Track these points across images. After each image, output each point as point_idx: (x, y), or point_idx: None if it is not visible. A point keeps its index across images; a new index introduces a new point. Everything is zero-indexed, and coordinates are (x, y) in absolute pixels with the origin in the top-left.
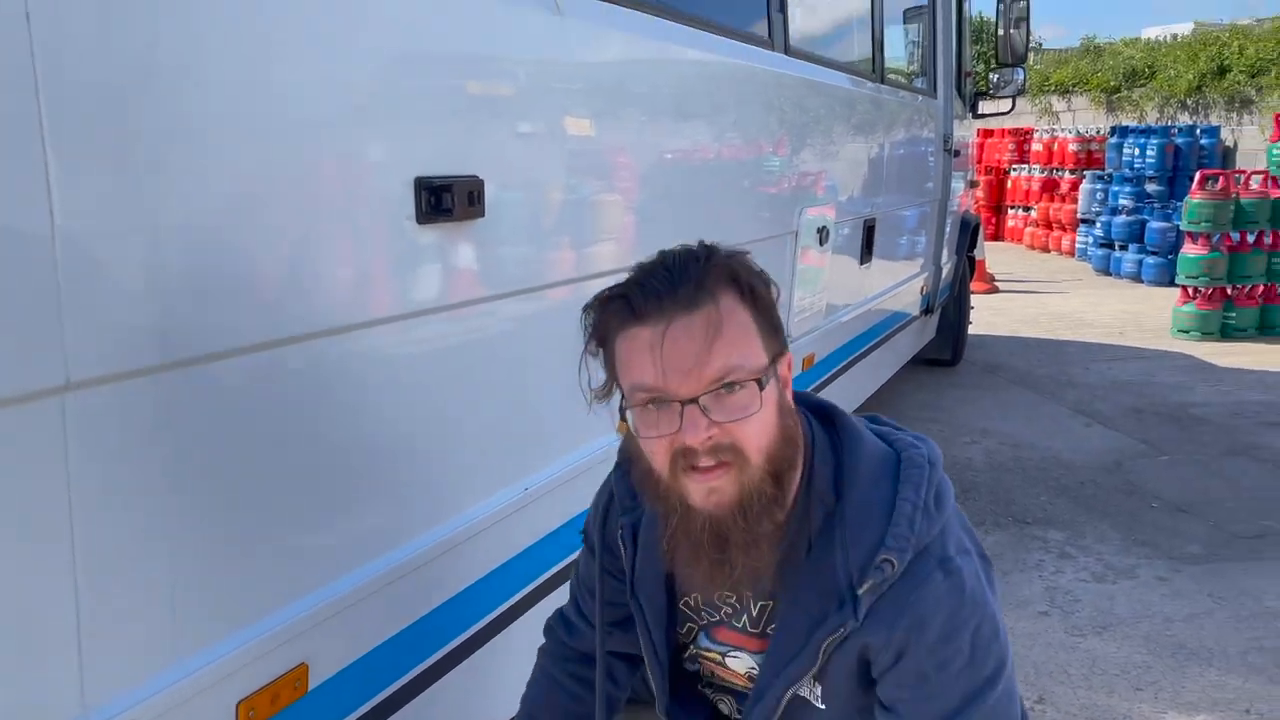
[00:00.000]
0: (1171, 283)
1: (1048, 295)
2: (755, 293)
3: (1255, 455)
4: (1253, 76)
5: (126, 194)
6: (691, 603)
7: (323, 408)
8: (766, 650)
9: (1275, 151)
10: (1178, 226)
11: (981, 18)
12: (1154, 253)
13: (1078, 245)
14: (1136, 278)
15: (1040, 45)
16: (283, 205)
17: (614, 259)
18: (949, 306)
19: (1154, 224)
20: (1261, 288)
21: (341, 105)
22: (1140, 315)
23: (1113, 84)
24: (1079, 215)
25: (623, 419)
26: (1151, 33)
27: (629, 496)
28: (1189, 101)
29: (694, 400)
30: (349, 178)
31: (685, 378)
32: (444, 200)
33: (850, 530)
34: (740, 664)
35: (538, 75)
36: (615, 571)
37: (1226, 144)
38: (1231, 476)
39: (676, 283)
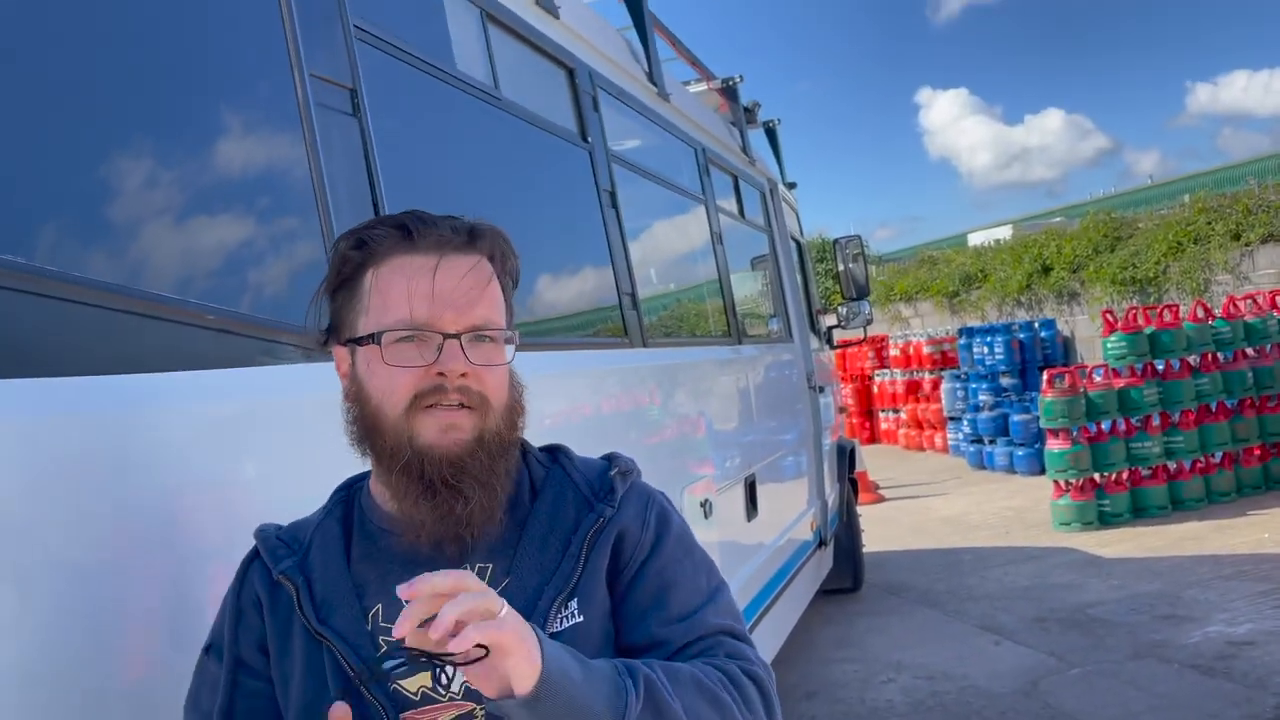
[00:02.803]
0: (1043, 471)
1: (932, 499)
2: (507, 280)
3: (1160, 655)
4: (1074, 271)
5: None
6: (368, 623)
7: None
8: (509, 591)
9: (1109, 345)
10: (1038, 416)
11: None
12: (1021, 444)
13: (950, 442)
14: (1010, 470)
15: (879, 259)
16: None
17: None
18: (841, 534)
19: (1015, 417)
20: (1127, 472)
21: None
22: (1022, 511)
23: (951, 289)
24: (945, 414)
25: (349, 354)
26: (976, 239)
27: (282, 545)
28: (1022, 298)
29: (456, 336)
30: None
31: (453, 312)
32: None
33: (578, 466)
34: (456, 672)
35: None
36: (264, 669)
37: (1064, 334)
38: (1143, 684)
39: (453, 225)
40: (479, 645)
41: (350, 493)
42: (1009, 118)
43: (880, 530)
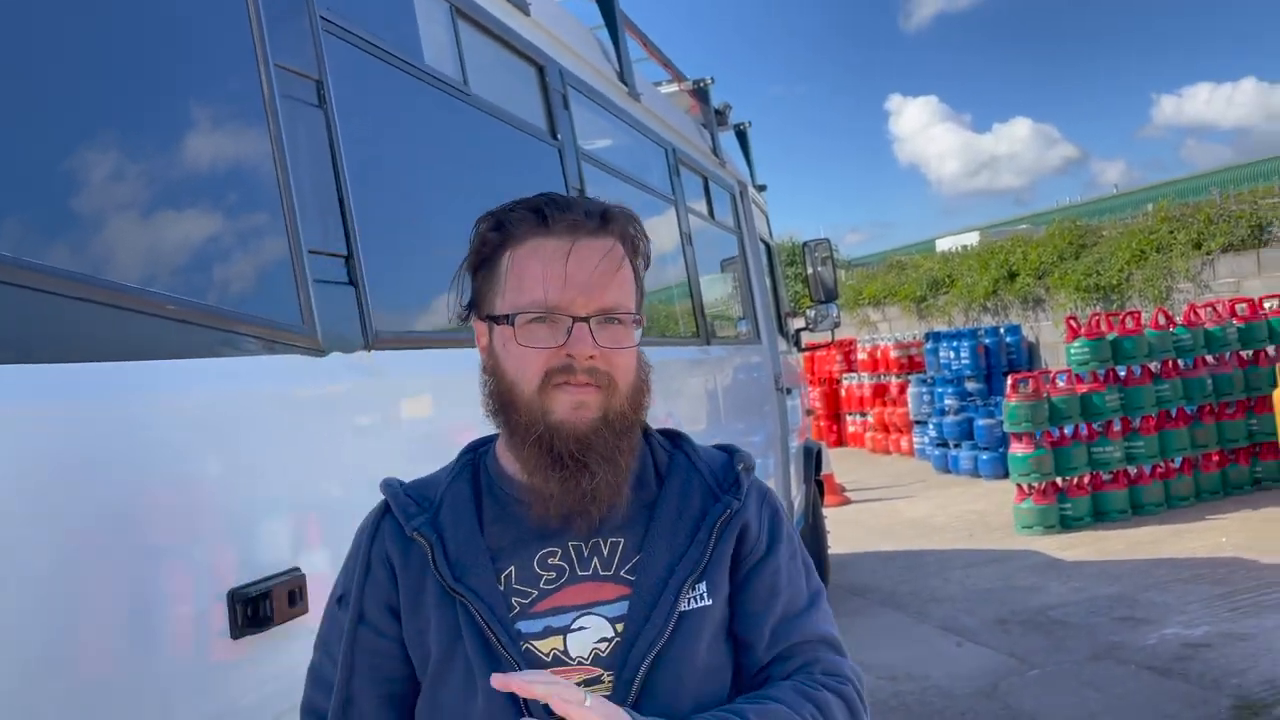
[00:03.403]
0: (1007, 475)
1: (897, 501)
2: (638, 262)
3: (1117, 657)
4: (1039, 278)
5: None
6: (501, 584)
7: None
8: (641, 565)
9: (1072, 350)
10: (1002, 421)
11: None
12: (986, 448)
13: (916, 446)
14: (975, 473)
15: (848, 263)
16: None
17: None
18: (806, 535)
19: (980, 422)
20: (1088, 477)
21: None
22: (985, 514)
23: (919, 294)
24: (911, 418)
25: (488, 330)
26: (944, 244)
27: (413, 502)
28: (989, 304)
29: (585, 319)
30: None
31: (584, 296)
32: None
33: (701, 455)
34: (586, 638)
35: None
36: (385, 627)
37: (1029, 340)
38: (1101, 685)
39: (586, 209)
40: None
41: (476, 456)
42: (978, 126)
43: (845, 532)
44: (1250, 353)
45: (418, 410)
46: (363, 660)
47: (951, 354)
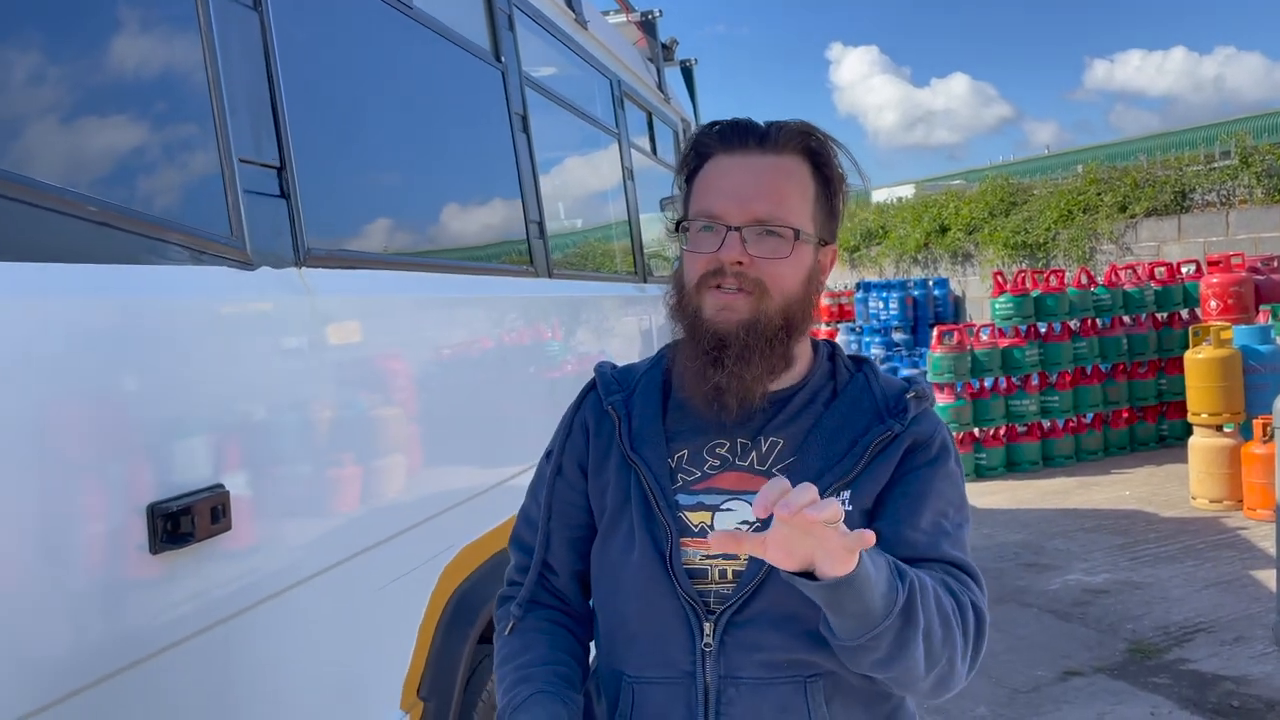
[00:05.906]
0: None
1: None
2: (829, 180)
3: (1021, 600)
4: (969, 233)
5: None
6: (673, 461)
7: None
8: (794, 466)
9: (997, 305)
10: (926, 371)
11: None
12: None
13: None
14: None
15: None
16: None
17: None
18: None
19: (904, 371)
20: (1004, 428)
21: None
22: None
23: (852, 244)
24: None
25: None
26: (879, 195)
27: (614, 382)
28: (919, 256)
29: (738, 229)
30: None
31: (738, 207)
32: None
33: (880, 378)
34: (730, 519)
35: (282, 360)
36: (575, 481)
37: (956, 293)
38: (1004, 626)
39: (767, 131)
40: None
41: (671, 351)
42: (917, 79)
43: None
44: (1165, 315)
45: (350, 332)
46: (558, 507)
47: (880, 304)
